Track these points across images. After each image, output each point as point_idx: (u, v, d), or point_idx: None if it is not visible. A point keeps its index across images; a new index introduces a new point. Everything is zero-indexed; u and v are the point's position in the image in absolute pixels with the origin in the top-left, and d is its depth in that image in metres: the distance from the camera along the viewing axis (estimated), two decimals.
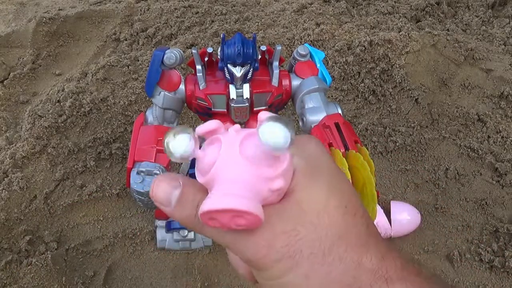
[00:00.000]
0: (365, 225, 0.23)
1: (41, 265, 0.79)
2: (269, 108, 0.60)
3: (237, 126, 0.22)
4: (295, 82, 0.59)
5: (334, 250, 0.21)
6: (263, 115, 0.22)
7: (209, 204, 0.20)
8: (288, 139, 0.19)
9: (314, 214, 0.21)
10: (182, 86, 0.59)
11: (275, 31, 1.21)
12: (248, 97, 0.56)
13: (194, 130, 0.21)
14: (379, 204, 0.87)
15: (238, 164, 0.21)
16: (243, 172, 0.21)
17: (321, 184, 0.22)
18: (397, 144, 0.97)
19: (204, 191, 0.22)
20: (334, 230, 0.21)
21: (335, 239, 0.21)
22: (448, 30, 1.26)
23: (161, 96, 0.58)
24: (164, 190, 0.22)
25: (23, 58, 1.22)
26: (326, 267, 0.21)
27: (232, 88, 0.56)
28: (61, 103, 0.97)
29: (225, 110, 0.58)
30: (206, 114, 0.61)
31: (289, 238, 0.21)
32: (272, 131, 0.19)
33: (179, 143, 0.21)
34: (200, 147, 0.22)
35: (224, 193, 0.20)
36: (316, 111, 0.57)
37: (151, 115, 0.59)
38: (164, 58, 0.55)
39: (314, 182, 0.22)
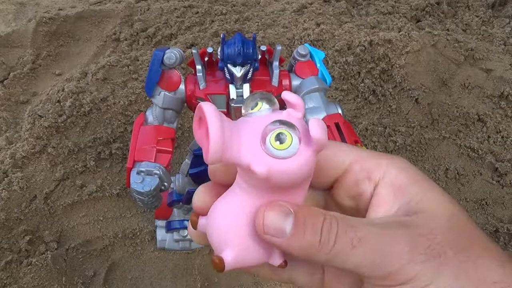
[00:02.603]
0: (483, 232, 0.22)
1: (41, 265, 0.79)
2: None
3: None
4: (295, 82, 0.59)
5: (473, 250, 0.20)
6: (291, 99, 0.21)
7: None
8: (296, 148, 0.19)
9: (445, 218, 0.21)
10: (182, 86, 0.59)
11: (275, 31, 1.21)
12: None
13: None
14: None
15: None
16: None
17: (439, 195, 0.21)
18: (397, 144, 0.97)
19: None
20: (467, 232, 0.21)
21: (470, 240, 0.20)
22: (448, 30, 1.26)
23: (161, 96, 0.58)
24: (274, 219, 0.20)
25: (23, 58, 1.22)
26: (472, 264, 0.20)
27: (232, 88, 0.56)
28: (61, 103, 0.97)
29: (225, 110, 0.58)
30: None
31: (429, 240, 0.20)
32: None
33: None
34: None
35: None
36: (316, 111, 0.57)
37: (151, 115, 0.59)
38: (164, 58, 0.55)
39: (432, 194, 0.21)
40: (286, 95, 0.21)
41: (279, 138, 0.19)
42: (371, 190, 0.22)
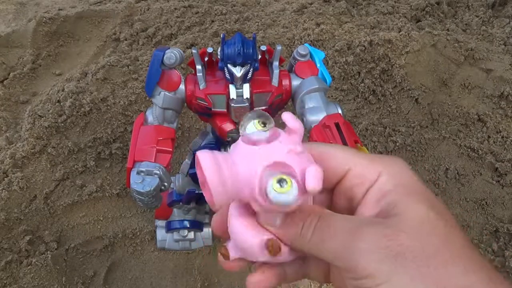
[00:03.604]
0: (467, 240, 0.22)
1: (41, 265, 0.79)
2: (269, 109, 0.59)
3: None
4: (295, 82, 0.59)
5: (439, 256, 0.20)
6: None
7: None
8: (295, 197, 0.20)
9: (416, 222, 0.21)
10: (182, 86, 0.59)
11: (275, 31, 1.21)
12: (248, 97, 0.56)
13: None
14: None
15: None
16: None
17: (417, 200, 0.22)
18: (397, 144, 0.97)
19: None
20: (437, 238, 0.21)
21: (439, 246, 0.21)
22: (448, 30, 1.26)
23: (161, 96, 0.58)
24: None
25: (23, 58, 1.22)
26: (432, 270, 0.20)
27: (232, 88, 0.56)
28: (61, 103, 0.97)
29: (225, 110, 0.58)
30: (206, 114, 0.61)
31: (390, 241, 0.21)
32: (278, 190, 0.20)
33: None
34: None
35: None
36: (316, 111, 0.57)
37: (151, 115, 0.59)
38: (164, 58, 0.55)
39: (410, 198, 0.22)
40: (286, 118, 0.23)
41: (279, 183, 0.20)
42: (362, 195, 0.24)
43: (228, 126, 0.59)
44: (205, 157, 0.21)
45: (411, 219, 0.21)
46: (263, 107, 0.59)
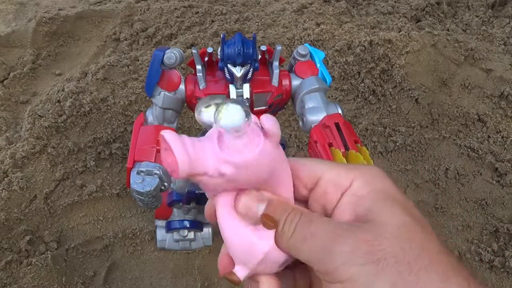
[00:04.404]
0: (444, 245, 0.22)
1: (41, 265, 0.79)
2: (269, 109, 0.59)
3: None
4: (295, 82, 0.59)
5: (419, 261, 0.20)
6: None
7: None
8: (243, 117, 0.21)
9: (394, 228, 0.21)
10: (182, 86, 0.59)
11: (275, 31, 1.21)
12: (248, 97, 0.56)
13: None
14: None
15: None
16: None
17: (392, 205, 0.22)
18: (397, 144, 0.97)
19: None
20: (416, 243, 0.21)
21: (418, 251, 0.21)
22: (448, 30, 1.26)
23: (161, 96, 0.58)
24: (247, 201, 0.23)
25: (23, 58, 1.22)
26: (413, 276, 0.20)
27: (232, 88, 0.56)
28: (61, 103, 0.97)
29: None
30: None
31: (372, 246, 0.21)
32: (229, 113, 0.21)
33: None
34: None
35: None
36: (316, 111, 0.56)
37: (151, 115, 0.59)
38: (164, 58, 0.55)
39: (385, 203, 0.22)
40: (264, 119, 0.23)
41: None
42: (336, 200, 0.24)
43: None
44: (168, 132, 0.21)
45: (390, 225, 0.21)
46: (263, 107, 0.59)
